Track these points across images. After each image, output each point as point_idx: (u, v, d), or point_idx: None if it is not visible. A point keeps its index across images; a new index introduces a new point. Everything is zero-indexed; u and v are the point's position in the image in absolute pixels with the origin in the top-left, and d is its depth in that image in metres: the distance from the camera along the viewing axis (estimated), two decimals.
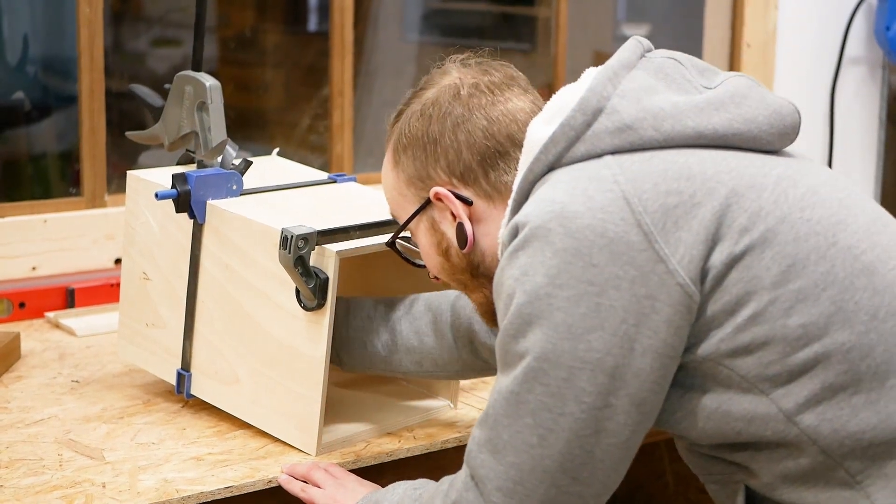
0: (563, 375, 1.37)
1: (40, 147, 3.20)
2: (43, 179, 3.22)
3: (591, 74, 1.50)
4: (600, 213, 1.37)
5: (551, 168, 1.45)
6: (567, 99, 1.48)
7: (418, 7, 4.50)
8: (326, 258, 1.72)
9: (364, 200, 1.96)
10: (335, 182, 2.04)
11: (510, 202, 1.50)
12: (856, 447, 1.39)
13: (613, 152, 1.42)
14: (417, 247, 1.67)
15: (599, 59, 1.57)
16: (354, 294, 2.04)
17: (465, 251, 1.59)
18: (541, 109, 1.57)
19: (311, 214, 1.81)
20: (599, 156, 1.42)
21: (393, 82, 4.15)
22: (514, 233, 1.42)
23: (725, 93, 1.47)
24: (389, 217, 1.82)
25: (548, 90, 3.55)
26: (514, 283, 1.40)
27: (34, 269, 2.53)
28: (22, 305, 2.43)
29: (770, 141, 1.48)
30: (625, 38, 4.69)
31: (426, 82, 1.63)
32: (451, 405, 1.97)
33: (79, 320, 2.38)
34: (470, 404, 1.99)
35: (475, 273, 1.61)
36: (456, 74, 1.60)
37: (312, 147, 3.66)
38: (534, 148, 1.47)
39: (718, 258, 1.37)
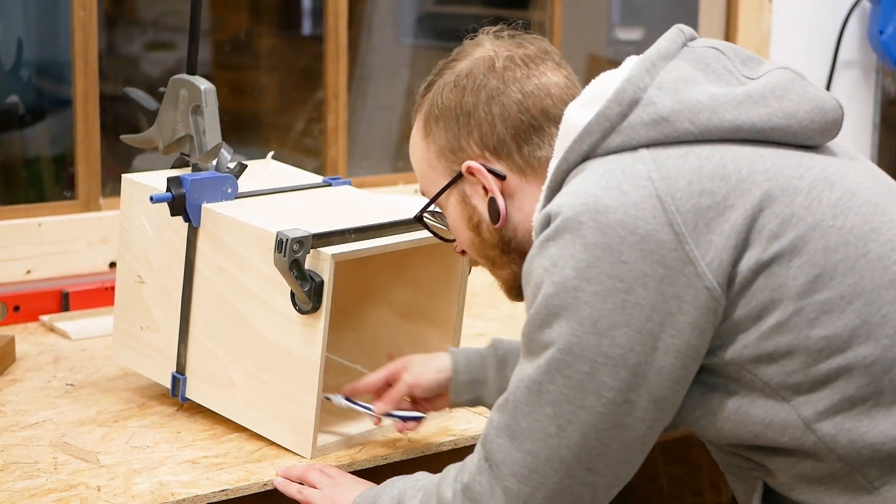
0: (585, 369, 1.37)
1: (35, 151, 3.20)
2: (37, 183, 3.22)
3: (630, 63, 1.48)
4: (633, 210, 1.36)
5: (586, 157, 1.44)
6: (605, 86, 1.46)
7: (412, 11, 4.51)
8: (322, 261, 1.72)
9: (359, 204, 1.96)
10: (330, 185, 2.04)
11: (544, 188, 1.49)
12: (874, 456, 1.39)
13: (649, 145, 1.41)
14: (445, 221, 1.65)
15: (594, 62, 1.57)
16: (348, 297, 2.05)
17: (497, 226, 1.57)
18: (575, 85, 1.57)
19: (306, 218, 1.82)
20: (635, 148, 1.41)
21: (387, 86, 4.15)
22: (547, 222, 1.41)
23: (766, 86, 1.45)
24: (385, 220, 1.83)
25: None
26: (543, 272, 1.39)
27: (29, 272, 2.53)
28: (16, 309, 2.43)
29: (810, 136, 1.46)
30: (618, 42, 4.68)
31: (458, 53, 1.61)
32: (447, 409, 1.97)
33: (73, 324, 2.38)
34: (465, 408, 1.99)
35: (506, 249, 1.60)
36: (489, 46, 1.59)
37: (307, 150, 3.66)
38: (570, 133, 1.46)
39: (746, 264, 1.36)
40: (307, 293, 1.71)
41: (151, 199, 1.82)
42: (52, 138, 3.19)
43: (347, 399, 1.83)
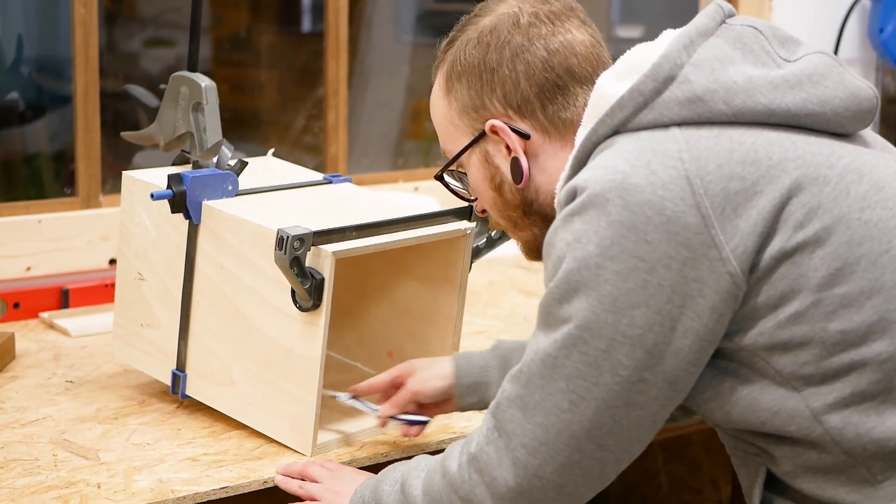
0: (602, 346, 1.36)
1: (35, 147, 3.19)
2: (37, 180, 3.21)
3: (668, 37, 1.47)
4: (661, 190, 1.35)
5: (616, 131, 1.42)
6: (641, 59, 1.45)
7: (412, 8, 4.50)
8: (322, 259, 1.72)
9: (360, 201, 1.96)
10: (331, 183, 2.04)
11: (571, 158, 1.47)
12: (879, 451, 1.39)
13: (681, 123, 1.40)
14: (467, 181, 1.64)
15: None
16: (348, 294, 2.05)
17: (519, 186, 1.56)
18: (600, 44, 1.56)
19: (306, 215, 1.81)
20: (667, 126, 1.40)
21: (387, 83, 4.15)
22: (572, 195, 1.39)
23: (803, 70, 1.43)
24: (386, 218, 1.83)
25: None
26: (565, 246, 1.38)
27: (29, 269, 2.53)
28: (16, 306, 2.43)
29: (843, 124, 1.44)
30: (618, 40, 4.69)
31: (481, 9, 1.59)
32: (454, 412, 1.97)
33: (73, 320, 2.38)
34: None
35: (527, 210, 1.59)
36: (514, 2, 1.56)
37: (307, 148, 3.66)
38: (601, 104, 1.45)
39: (770, 252, 1.35)
40: (308, 290, 1.71)
41: (152, 196, 1.82)
42: (51, 135, 3.19)
43: (353, 397, 1.83)
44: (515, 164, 1.55)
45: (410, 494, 1.54)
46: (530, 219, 1.59)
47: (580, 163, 1.46)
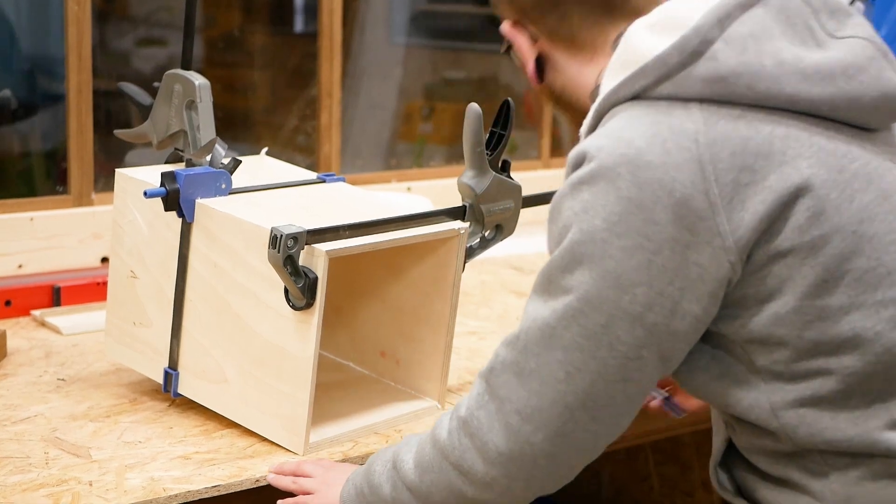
0: (601, 321, 1.37)
1: (27, 145, 3.19)
2: (30, 177, 3.21)
3: (708, 2, 1.43)
4: (673, 171, 1.34)
5: (636, 97, 1.42)
6: (678, 14, 1.42)
7: (405, 9, 4.50)
8: (316, 258, 1.72)
9: (353, 200, 1.96)
10: (324, 182, 2.04)
11: (592, 110, 1.47)
12: (829, 450, 1.41)
13: (702, 100, 1.38)
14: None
15: None
16: (341, 294, 2.05)
17: (540, 83, 1.65)
18: None
19: (300, 214, 1.81)
20: (687, 100, 1.39)
21: (380, 85, 4.14)
22: (581, 160, 1.39)
23: (840, 62, 1.40)
24: (379, 217, 1.83)
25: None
26: (572, 216, 1.38)
27: (20, 267, 2.52)
28: (8, 303, 2.42)
29: (869, 121, 1.43)
30: None
31: None
32: (439, 405, 1.97)
33: (65, 318, 2.38)
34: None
35: (557, 102, 1.66)
36: None
37: (299, 148, 3.66)
38: (627, 58, 1.43)
39: (767, 249, 1.36)
40: (301, 289, 1.71)
41: (145, 193, 1.82)
42: (44, 133, 3.18)
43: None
44: (537, 62, 1.64)
45: (402, 469, 1.55)
46: (562, 106, 1.66)
47: (596, 121, 1.47)
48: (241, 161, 1.92)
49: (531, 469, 1.44)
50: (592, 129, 1.46)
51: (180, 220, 1.86)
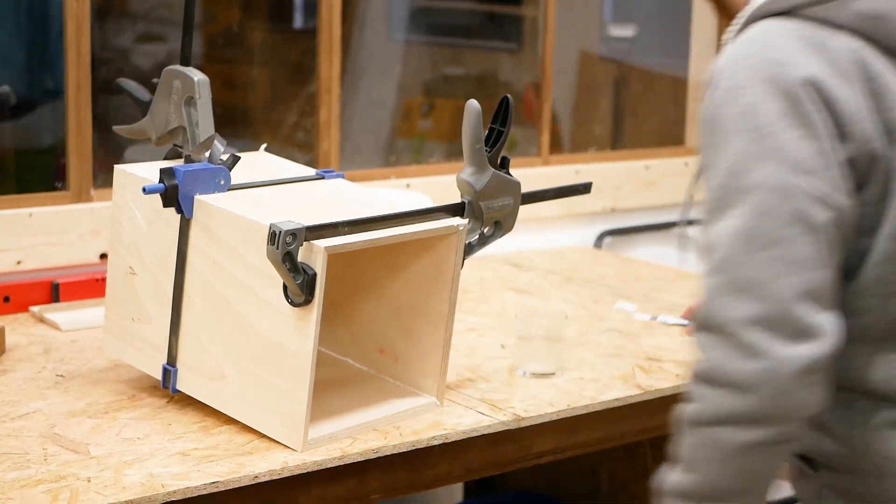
0: (790, 208, 1.38)
1: (26, 141, 3.19)
2: (28, 174, 3.21)
3: None
4: (829, 79, 1.39)
5: (786, 13, 1.45)
6: None
7: (405, 6, 4.50)
8: (315, 254, 1.72)
9: (352, 197, 1.96)
10: (323, 178, 2.04)
11: (736, 25, 1.52)
12: (855, 389, 1.46)
13: (851, 31, 1.42)
14: None
15: (586, 59, 1.58)
16: (340, 290, 2.05)
17: None
18: None
19: (299, 210, 1.81)
20: (836, 27, 1.43)
21: (379, 81, 4.14)
22: (726, 68, 1.44)
23: None
24: (378, 214, 1.83)
25: (535, 90, 3.55)
26: (738, 119, 1.41)
27: (19, 263, 2.52)
28: (6, 300, 2.42)
29: None
30: (610, 39, 4.65)
31: None
32: (437, 402, 1.97)
33: (63, 315, 2.38)
34: (455, 402, 1.99)
35: None
36: None
37: (298, 144, 3.66)
38: None
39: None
40: (300, 286, 1.71)
41: (144, 189, 1.82)
42: (42, 129, 3.18)
43: None
44: None
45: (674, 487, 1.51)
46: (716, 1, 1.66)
47: (748, 24, 1.49)
48: (239, 157, 1.92)
49: (785, 384, 1.38)
50: (739, 33, 1.50)
51: (179, 216, 1.86)
